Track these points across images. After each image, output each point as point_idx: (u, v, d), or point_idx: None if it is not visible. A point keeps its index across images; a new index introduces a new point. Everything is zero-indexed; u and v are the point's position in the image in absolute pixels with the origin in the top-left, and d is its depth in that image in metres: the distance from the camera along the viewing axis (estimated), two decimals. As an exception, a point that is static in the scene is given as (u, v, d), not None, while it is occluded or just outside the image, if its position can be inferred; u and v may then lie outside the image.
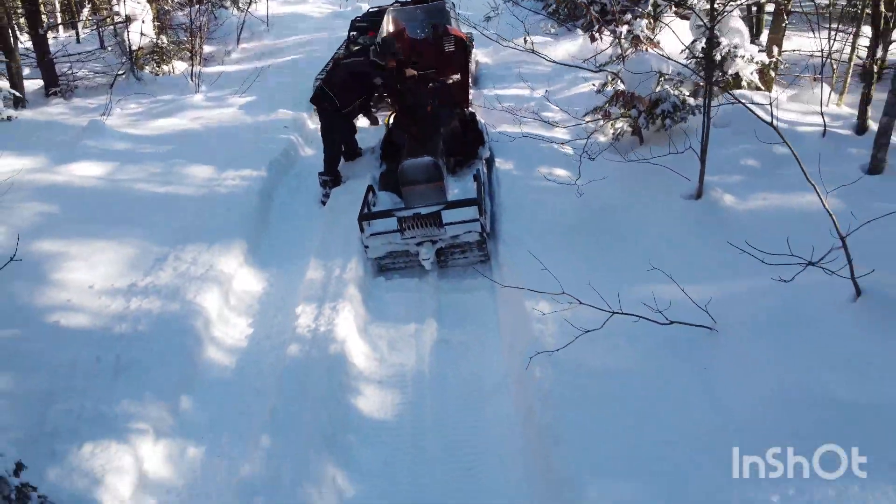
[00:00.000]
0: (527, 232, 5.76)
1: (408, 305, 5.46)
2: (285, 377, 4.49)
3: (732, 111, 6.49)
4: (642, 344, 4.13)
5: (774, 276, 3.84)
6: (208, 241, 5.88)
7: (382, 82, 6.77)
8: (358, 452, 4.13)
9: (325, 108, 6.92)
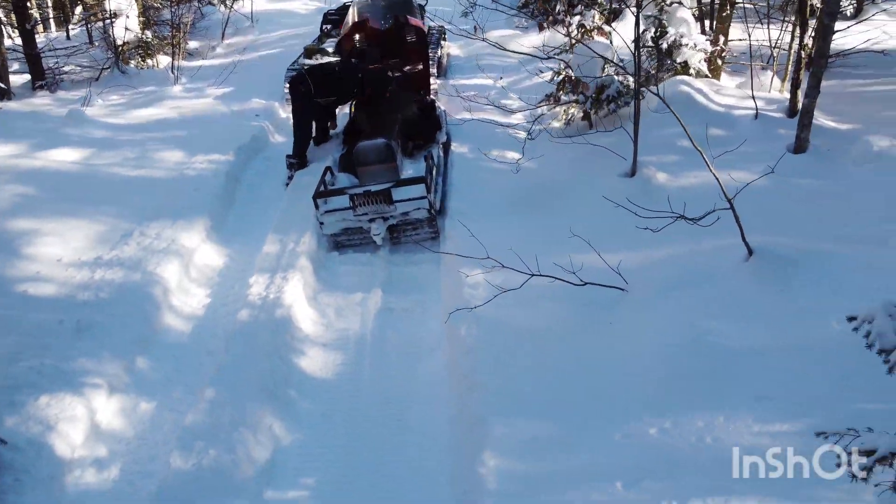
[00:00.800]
0: (473, 208, 6.11)
1: (359, 277, 5.80)
2: (233, 338, 4.82)
3: (672, 95, 6.82)
4: (559, 304, 4.47)
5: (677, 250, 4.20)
6: (173, 219, 6.21)
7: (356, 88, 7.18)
8: (298, 405, 4.46)
9: (299, 91, 7.24)
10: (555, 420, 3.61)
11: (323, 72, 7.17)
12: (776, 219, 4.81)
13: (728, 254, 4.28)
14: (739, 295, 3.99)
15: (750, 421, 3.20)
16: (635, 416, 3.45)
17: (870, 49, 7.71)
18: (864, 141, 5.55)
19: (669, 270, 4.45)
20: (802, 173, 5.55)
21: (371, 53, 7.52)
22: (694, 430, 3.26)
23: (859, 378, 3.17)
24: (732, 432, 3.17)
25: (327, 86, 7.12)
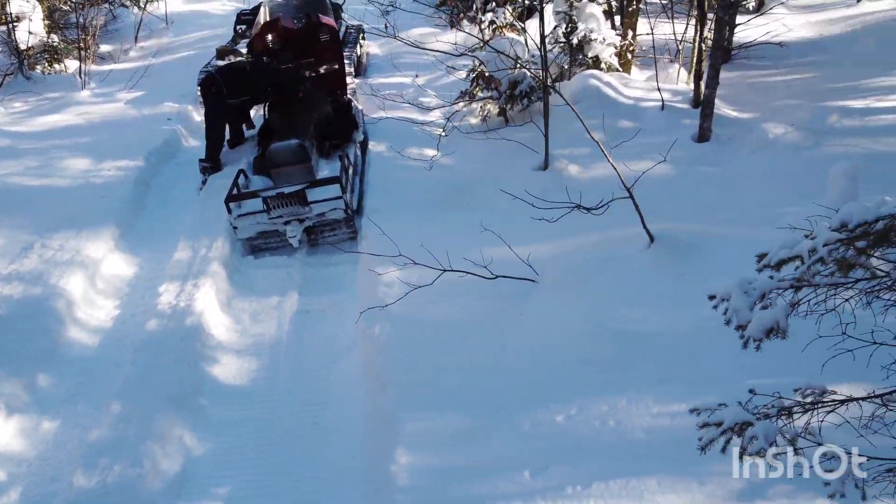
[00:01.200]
0: (390, 206, 6.09)
1: (275, 280, 5.70)
2: (140, 349, 4.67)
3: (583, 89, 6.98)
4: (472, 298, 4.49)
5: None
6: (77, 229, 5.98)
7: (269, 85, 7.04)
8: (210, 414, 4.35)
9: (210, 92, 7.06)
10: (466, 413, 3.63)
11: (233, 72, 7.01)
12: (678, 206, 4.97)
13: (632, 242, 4.40)
14: (640, 281, 4.10)
15: (650, 402, 3.29)
16: (543, 405, 3.50)
17: (769, 41, 8.08)
18: (761, 129, 5.79)
19: (577, 260, 4.54)
20: (704, 161, 5.75)
21: (284, 53, 7.40)
22: (598, 414, 3.33)
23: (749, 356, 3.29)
24: (634, 415, 3.26)
25: (239, 86, 6.96)
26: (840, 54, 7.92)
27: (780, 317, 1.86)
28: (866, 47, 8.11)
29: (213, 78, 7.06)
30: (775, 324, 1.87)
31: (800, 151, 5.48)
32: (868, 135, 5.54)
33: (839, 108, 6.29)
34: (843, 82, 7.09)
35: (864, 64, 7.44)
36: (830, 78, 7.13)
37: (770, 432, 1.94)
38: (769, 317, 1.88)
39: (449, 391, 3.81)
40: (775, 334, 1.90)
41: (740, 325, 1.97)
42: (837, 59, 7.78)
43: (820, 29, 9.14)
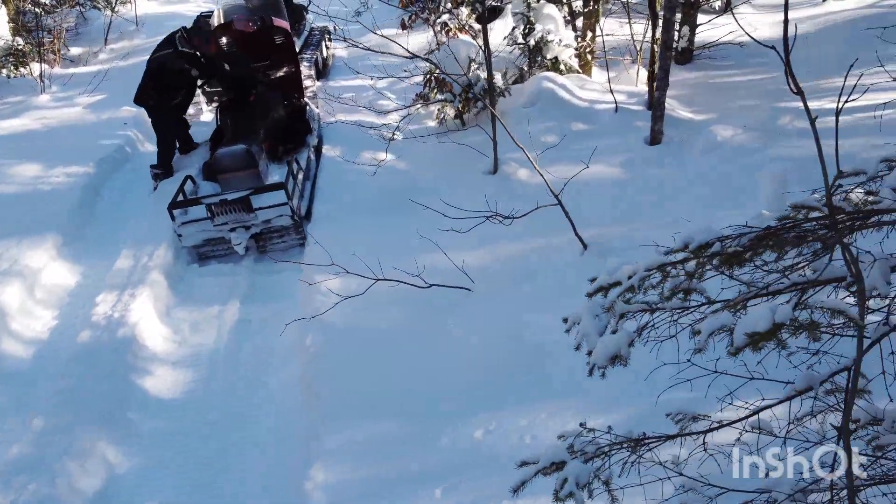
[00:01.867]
0: (339, 212, 6.01)
1: (219, 289, 5.60)
2: (72, 361, 4.57)
3: (537, 91, 6.91)
4: (406, 307, 4.42)
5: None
6: (18, 237, 5.85)
7: (200, 73, 6.87)
8: (139, 428, 4.25)
9: (150, 105, 6.98)
10: (390, 427, 3.56)
11: (155, 72, 6.87)
12: (620, 210, 4.91)
13: (567, 249, 4.33)
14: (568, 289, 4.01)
15: (568, 417, 3.22)
16: (463, 418, 3.43)
17: (730, 42, 8.02)
18: (709, 132, 5.74)
19: (512, 267, 4.48)
20: (654, 164, 5.69)
21: (238, 57, 7.29)
22: (517, 428, 3.26)
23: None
24: (552, 429, 3.18)
25: (168, 84, 6.83)
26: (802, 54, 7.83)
27: (623, 343, 1.79)
28: (829, 47, 8.07)
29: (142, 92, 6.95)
30: (618, 350, 1.80)
31: (747, 154, 5.42)
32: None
33: (794, 109, 6.24)
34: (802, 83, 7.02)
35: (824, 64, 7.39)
36: (791, 78, 7.07)
37: (583, 474, 1.87)
38: (613, 343, 1.81)
39: (376, 403, 3.74)
40: (619, 362, 1.83)
41: (590, 351, 1.89)
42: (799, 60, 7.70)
43: (785, 28, 9.10)
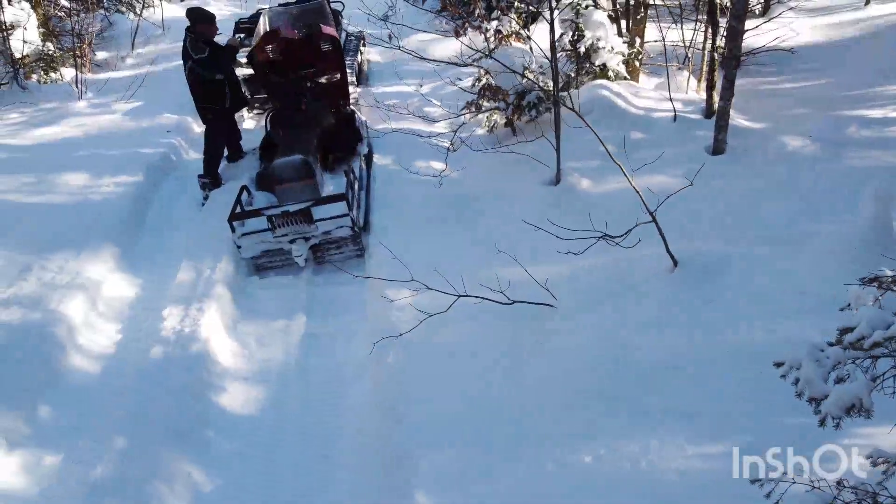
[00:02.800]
0: (397, 223, 5.94)
1: (281, 302, 5.54)
2: (143, 378, 4.51)
3: (592, 100, 6.83)
4: (488, 323, 4.35)
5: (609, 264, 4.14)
6: (77, 249, 5.80)
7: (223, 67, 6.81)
8: (216, 447, 4.19)
9: (208, 118, 6.96)
10: (485, 449, 3.49)
11: (191, 88, 6.85)
12: (697, 224, 4.83)
13: (653, 264, 4.25)
14: (663, 307, 3.95)
15: (683, 442, 3.14)
16: (568, 442, 3.35)
17: (778, 48, 7.93)
18: (779, 141, 5.64)
19: (596, 282, 4.39)
20: (721, 175, 5.59)
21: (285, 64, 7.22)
22: (628, 455, 3.18)
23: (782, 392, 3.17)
24: (666, 456, 3.10)
25: (205, 95, 6.80)
26: (851, 60, 7.76)
27: (863, 393, 1.71)
28: (877, 52, 7.97)
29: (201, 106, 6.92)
30: (857, 400, 1.71)
31: (818, 164, 5.34)
32: (889, 147, 5.39)
33: (855, 117, 6.14)
34: (856, 90, 6.94)
35: (877, 70, 7.30)
36: (843, 85, 6.99)
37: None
38: (849, 392, 1.72)
39: (466, 424, 3.67)
40: (857, 412, 1.74)
41: (813, 398, 1.81)
42: (849, 65, 7.63)
43: (828, 33, 9.00)
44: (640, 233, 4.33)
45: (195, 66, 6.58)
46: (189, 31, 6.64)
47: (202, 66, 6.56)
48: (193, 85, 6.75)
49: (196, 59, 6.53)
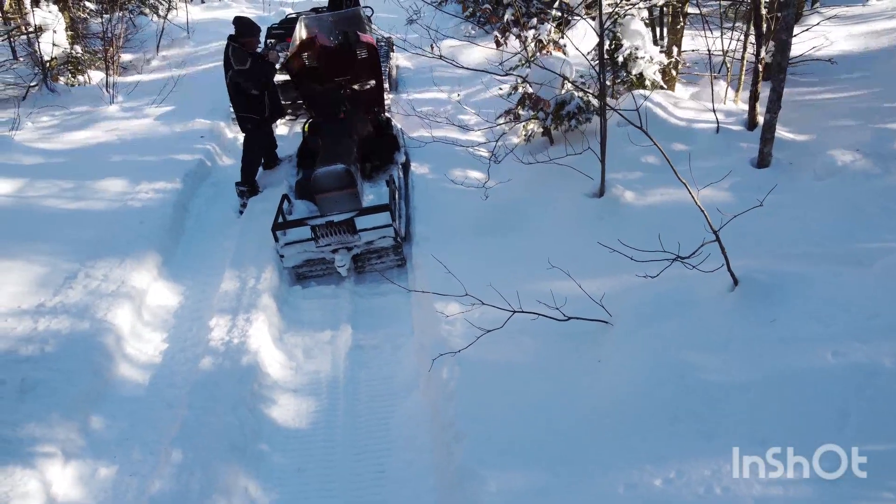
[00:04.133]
0: (439, 233, 5.92)
1: (324, 312, 5.54)
2: (195, 390, 4.51)
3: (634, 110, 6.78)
4: (542, 339, 4.31)
5: (647, 272, 4.10)
6: (120, 257, 5.83)
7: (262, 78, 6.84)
8: (271, 461, 4.19)
9: (247, 128, 6.98)
10: (551, 469, 3.45)
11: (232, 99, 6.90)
12: (751, 240, 4.78)
13: (710, 281, 4.20)
14: (724, 326, 3.90)
15: (758, 468, 3.10)
16: (636, 464, 3.32)
17: (819, 58, 7.86)
18: (827, 155, 5.59)
19: (650, 299, 4.33)
20: (766, 189, 5.50)
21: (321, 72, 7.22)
22: (701, 479, 3.14)
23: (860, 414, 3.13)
24: (742, 482, 3.07)
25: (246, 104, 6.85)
26: (893, 70, 7.68)
27: None
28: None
29: (241, 118, 6.95)
30: None
31: (869, 180, 5.28)
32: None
33: (905, 132, 6.07)
34: (901, 100, 6.87)
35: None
36: (887, 96, 6.91)
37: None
38: None
39: (528, 443, 3.63)
40: None
41: None
42: (891, 75, 7.55)
43: (865, 42, 8.93)
44: (689, 248, 4.27)
45: (236, 77, 6.59)
46: (232, 39, 6.64)
47: (243, 79, 6.57)
48: (234, 94, 6.76)
49: (237, 71, 6.54)
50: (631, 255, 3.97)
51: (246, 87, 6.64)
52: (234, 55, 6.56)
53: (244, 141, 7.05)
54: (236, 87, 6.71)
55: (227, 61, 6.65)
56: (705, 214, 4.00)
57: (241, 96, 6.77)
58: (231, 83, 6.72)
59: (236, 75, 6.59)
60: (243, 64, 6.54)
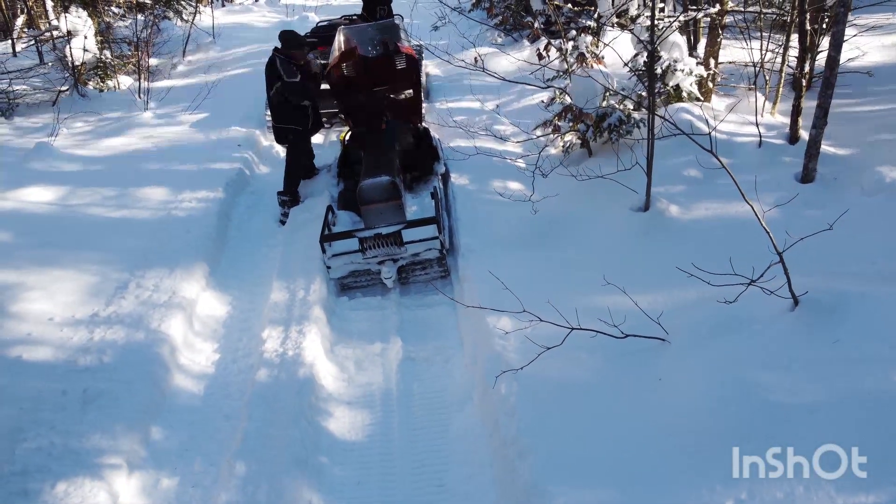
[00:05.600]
0: (484, 246, 5.95)
1: (372, 323, 5.59)
2: (254, 402, 4.57)
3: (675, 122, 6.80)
4: (599, 356, 4.35)
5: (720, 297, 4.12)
6: (169, 266, 5.89)
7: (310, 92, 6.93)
8: (331, 473, 4.24)
9: (289, 139, 7.05)
10: (620, 488, 3.49)
11: (276, 109, 6.97)
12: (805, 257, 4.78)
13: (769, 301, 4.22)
14: (785, 345, 3.93)
15: (832, 491, 3.13)
16: (705, 484, 3.35)
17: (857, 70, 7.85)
18: (875, 171, 5.60)
19: (707, 317, 4.36)
20: (814, 205, 5.56)
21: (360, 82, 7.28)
22: (773, 501, 3.18)
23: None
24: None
25: (292, 115, 6.92)
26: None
27: None
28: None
29: (281, 131, 7.04)
30: None
31: (919, 197, 5.30)
32: None
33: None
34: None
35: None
36: (927, 110, 6.92)
37: None
38: None
39: (594, 461, 3.67)
40: None
41: None
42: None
43: (898, 53, 8.92)
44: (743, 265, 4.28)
45: (284, 89, 6.66)
46: (278, 52, 6.71)
47: (291, 91, 6.64)
48: (279, 105, 6.83)
49: (287, 83, 6.60)
50: (708, 280, 3.98)
51: (295, 99, 6.71)
52: (284, 68, 6.63)
53: (287, 151, 7.12)
54: (282, 99, 6.77)
55: (275, 73, 6.72)
56: (770, 236, 4.03)
57: (285, 108, 6.84)
58: (276, 95, 6.78)
59: (285, 87, 6.65)
60: (294, 76, 6.62)
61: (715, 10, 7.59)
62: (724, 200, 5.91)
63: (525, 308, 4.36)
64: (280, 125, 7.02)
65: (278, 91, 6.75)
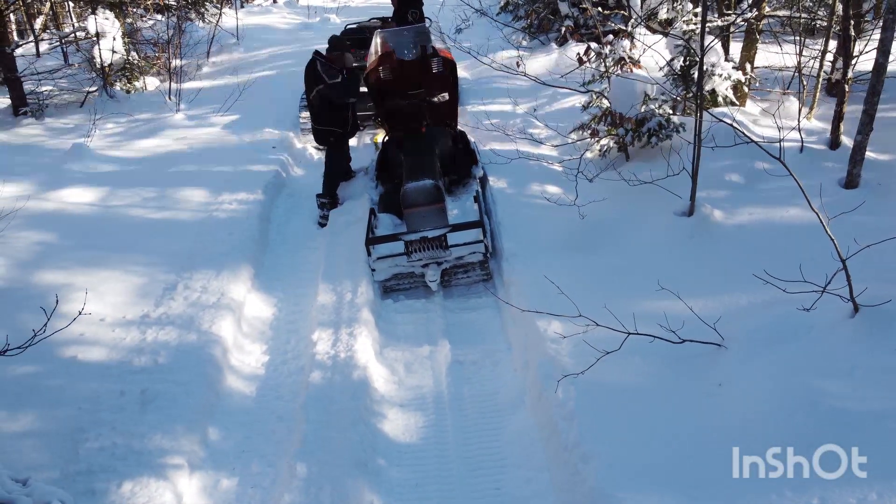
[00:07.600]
0: (527, 250, 5.98)
1: (417, 326, 5.63)
2: (309, 404, 4.61)
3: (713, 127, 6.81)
4: (655, 361, 4.37)
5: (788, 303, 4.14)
6: (215, 268, 5.95)
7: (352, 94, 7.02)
8: (389, 476, 4.28)
9: (330, 142, 7.11)
10: (687, 494, 3.50)
11: (318, 111, 7.06)
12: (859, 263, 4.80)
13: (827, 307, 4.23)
14: (848, 353, 3.94)
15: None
16: (774, 489, 3.37)
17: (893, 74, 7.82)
18: (922, 178, 5.62)
19: (765, 323, 4.38)
20: (860, 210, 5.56)
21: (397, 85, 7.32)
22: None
23: None
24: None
25: (333, 118, 7.01)
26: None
27: None
28: None
29: (321, 132, 7.10)
30: None
31: (966, 204, 5.30)
32: None
33: None
34: None
35: None
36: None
37: None
38: None
39: (661, 467, 3.69)
40: None
41: None
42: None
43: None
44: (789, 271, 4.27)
45: (327, 91, 6.71)
46: (320, 55, 6.77)
47: (336, 91, 6.71)
48: (320, 108, 6.89)
49: (331, 84, 6.66)
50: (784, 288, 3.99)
51: (337, 100, 6.78)
52: (325, 70, 6.69)
53: (326, 154, 7.18)
54: (323, 101, 6.83)
55: (317, 76, 6.77)
56: (835, 243, 4.06)
57: (325, 110, 6.90)
58: (318, 97, 6.84)
59: (330, 89, 6.71)
60: (335, 78, 6.68)
61: (753, 14, 7.60)
62: (768, 206, 5.93)
63: (581, 313, 4.38)
64: (320, 127, 7.08)
65: (319, 94, 6.81)
